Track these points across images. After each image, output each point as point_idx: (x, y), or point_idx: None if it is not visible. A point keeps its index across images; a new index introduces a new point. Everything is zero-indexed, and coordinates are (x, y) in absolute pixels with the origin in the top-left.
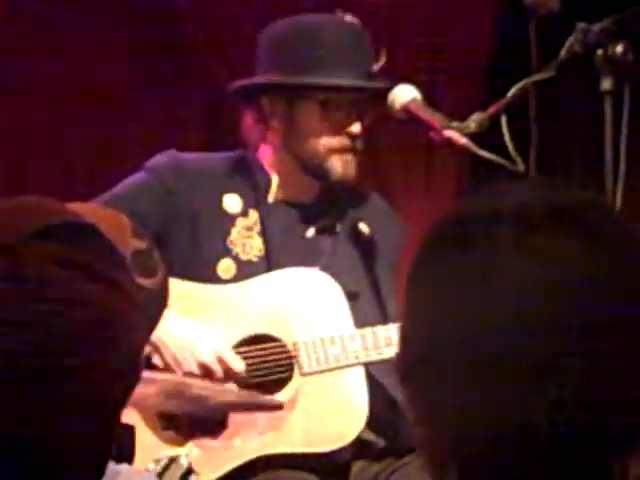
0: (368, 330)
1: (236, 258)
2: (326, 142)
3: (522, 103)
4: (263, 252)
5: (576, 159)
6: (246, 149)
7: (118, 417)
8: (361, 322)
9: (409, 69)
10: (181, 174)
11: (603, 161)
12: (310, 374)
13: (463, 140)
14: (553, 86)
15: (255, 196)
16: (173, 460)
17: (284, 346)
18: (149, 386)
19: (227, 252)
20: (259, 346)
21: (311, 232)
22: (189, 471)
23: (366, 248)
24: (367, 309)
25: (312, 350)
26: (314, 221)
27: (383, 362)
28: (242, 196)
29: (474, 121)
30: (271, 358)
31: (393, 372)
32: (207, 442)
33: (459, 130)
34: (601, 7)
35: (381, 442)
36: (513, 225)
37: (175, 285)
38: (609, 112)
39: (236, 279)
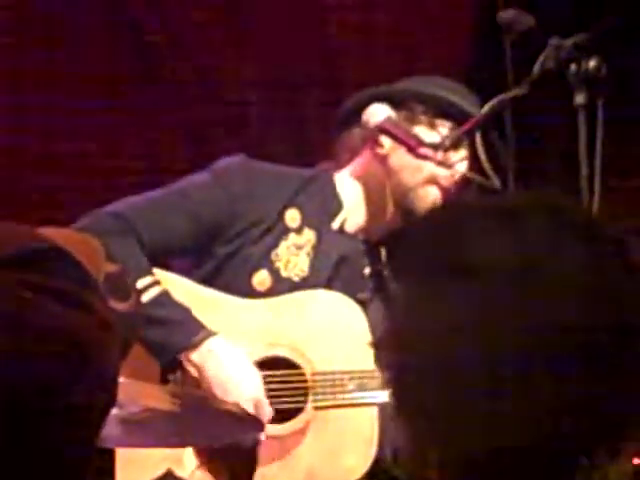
0: None
1: (275, 272)
2: (432, 169)
3: (497, 119)
4: (306, 274)
5: (552, 173)
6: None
7: (95, 441)
8: None
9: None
10: (250, 184)
11: (579, 175)
12: (323, 409)
13: (439, 157)
14: (528, 101)
15: (317, 217)
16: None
17: (302, 374)
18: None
19: (268, 264)
20: (278, 372)
21: (366, 271)
22: None
23: None
24: None
25: (330, 384)
26: (371, 261)
27: None
28: (302, 213)
29: (449, 138)
30: (288, 386)
31: None
32: (212, 466)
33: (434, 147)
34: (576, 22)
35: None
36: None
37: (202, 294)
38: (583, 127)
39: (269, 294)
